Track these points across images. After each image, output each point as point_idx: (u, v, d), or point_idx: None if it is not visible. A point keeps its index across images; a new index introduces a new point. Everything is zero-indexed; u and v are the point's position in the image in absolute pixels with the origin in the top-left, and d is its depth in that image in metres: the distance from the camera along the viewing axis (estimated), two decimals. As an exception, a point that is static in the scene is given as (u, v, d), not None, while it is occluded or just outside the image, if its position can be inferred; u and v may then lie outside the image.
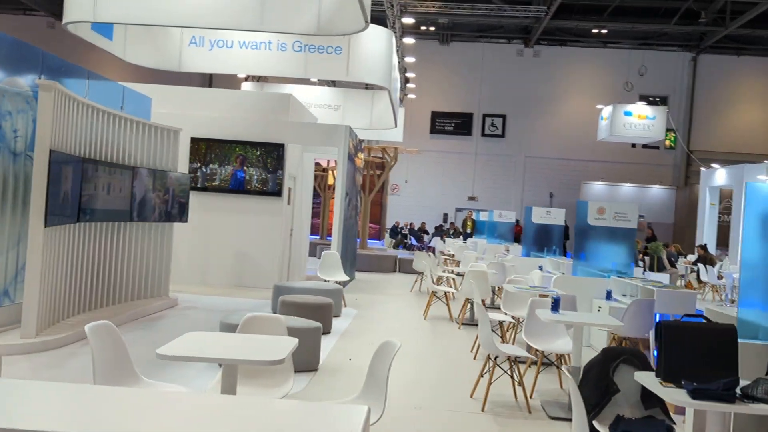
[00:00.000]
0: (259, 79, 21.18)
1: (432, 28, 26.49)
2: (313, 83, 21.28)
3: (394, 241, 23.30)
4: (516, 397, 5.42)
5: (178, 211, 9.07)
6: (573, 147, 26.91)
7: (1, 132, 6.12)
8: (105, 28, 12.81)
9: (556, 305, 5.39)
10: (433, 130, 28.07)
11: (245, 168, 11.07)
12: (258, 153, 11.11)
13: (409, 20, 18.86)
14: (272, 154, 11.08)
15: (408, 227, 24.05)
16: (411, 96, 25.88)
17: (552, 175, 27.18)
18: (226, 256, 11.14)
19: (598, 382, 3.74)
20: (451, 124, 27.98)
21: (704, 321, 3.44)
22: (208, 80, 27.51)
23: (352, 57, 13.89)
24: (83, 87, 7.55)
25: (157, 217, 8.54)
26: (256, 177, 11.07)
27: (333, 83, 21.67)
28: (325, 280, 9.89)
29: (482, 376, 5.41)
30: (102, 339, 3.40)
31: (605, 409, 3.76)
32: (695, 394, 2.97)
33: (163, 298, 8.82)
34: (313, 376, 5.92)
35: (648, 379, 3.26)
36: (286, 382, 3.93)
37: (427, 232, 23.84)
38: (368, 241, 18.04)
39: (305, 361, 5.99)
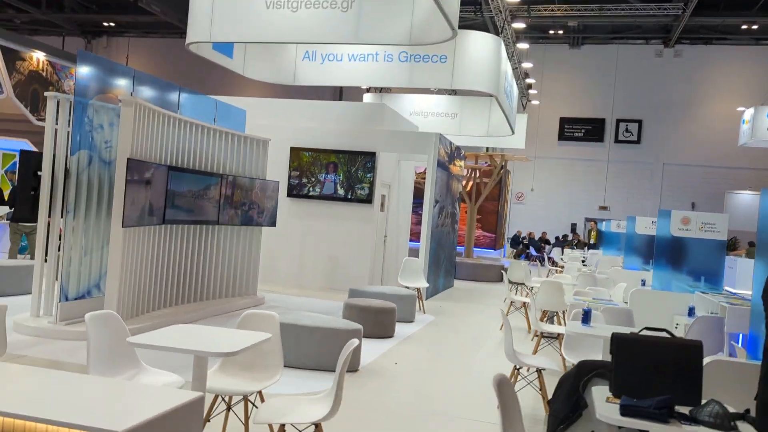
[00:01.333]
0: (381, 90, 21.79)
1: (561, 32, 25.68)
2: (431, 92, 21.50)
3: (515, 250, 22.82)
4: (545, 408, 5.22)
5: (266, 216, 9.67)
6: (717, 153, 24.72)
7: (94, 143, 6.98)
8: (225, 48, 13.97)
9: (586, 317, 5.15)
10: (562, 136, 27.10)
11: (338, 176, 11.52)
12: (351, 161, 11.51)
13: (519, 25, 18.45)
14: (365, 163, 11.43)
15: (528, 237, 23.42)
16: (535, 102, 25.22)
17: (693, 184, 25.13)
18: (320, 260, 11.65)
19: (569, 395, 3.56)
20: (581, 130, 26.84)
21: (667, 335, 3.18)
22: (339, 93, 28.71)
23: (457, 65, 13.94)
24: (175, 101, 8.36)
25: (245, 221, 9.18)
26: (348, 185, 11.48)
27: (454, 92, 21.74)
28: (406, 287, 10.02)
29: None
30: (100, 328, 3.83)
31: (577, 424, 3.58)
32: (624, 411, 2.78)
33: (250, 296, 9.44)
34: (350, 376, 6.09)
35: (598, 394, 3.07)
36: (274, 376, 4.15)
37: (548, 242, 23.06)
38: (478, 249, 17.86)
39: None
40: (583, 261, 16.54)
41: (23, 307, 7.18)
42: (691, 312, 6.92)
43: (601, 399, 3.00)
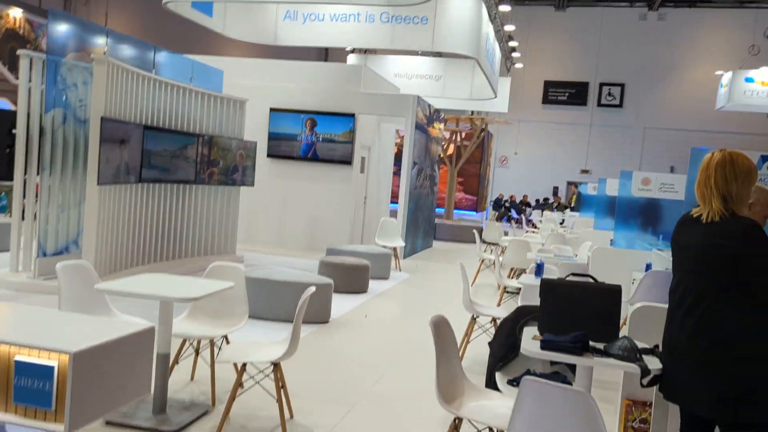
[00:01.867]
0: (366, 51, 21.72)
1: (545, -6, 25.58)
2: (416, 54, 21.47)
3: (496, 213, 23.14)
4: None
5: (243, 176, 9.83)
6: (697, 117, 24.97)
7: (68, 101, 7.09)
8: (205, 6, 13.90)
9: (539, 270, 5.43)
10: (546, 100, 27.22)
11: (317, 137, 11.66)
12: (329, 122, 11.64)
13: None
14: (344, 124, 11.56)
15: (510, 200, 23.74)
16: (518, 65, 25.26)
17: (673, 147, 25.44)
18: (300, 221, 11.86)
19: (507, 337, 3.85)
20: (565, 93, 26.97)
21: (591, 281, 3.44)
22: (324, 55, 28.54)
23: (438, 27, 13.99)
24: (151, 60, 8.43)
25: (222, 181, 9.35)
26: (327, 146, 11.63)
27: (439, 54, 21.69)
28: (383, 246, 10.29)
29: (466, 336, 5.58)
30: (71, 276, 4.04)
31: (513, 363, 3.87)
32: (544, 345, 3.05)
33: (229, 255, 9.66)
34: (319, 327, 6.38)
35: (528, 333, 3.35)
36: (240, 323, 4.40)
37: (529, 205, 23.39)
38: (460, 212, 18.15)
39: (316, 314, 6.47)
40: (561, 223, 16.88)
41: (2, 263, 7.38)
42: (647, 268, 7.22)
43: (529, 337, 3.27)
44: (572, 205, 21.74)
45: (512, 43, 21.00)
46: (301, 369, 5.03)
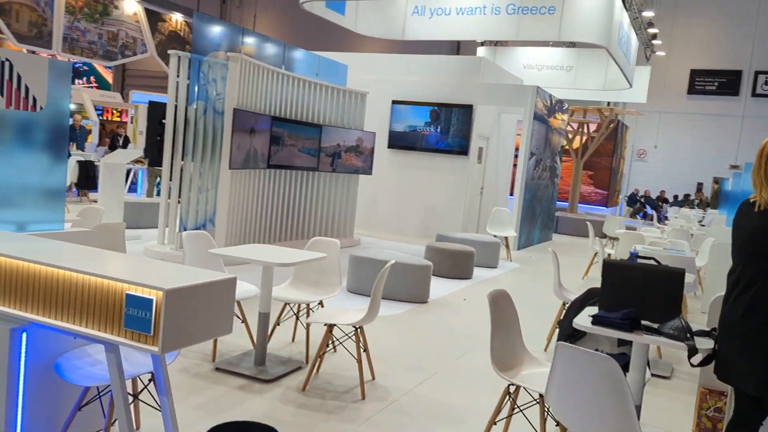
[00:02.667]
0: (496, 43, 21.68)
1: (694, -23, 23.95)
2: (546, 45, 21.09)
3: (631, 209, 22.20)
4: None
5: (363, 165, 10.42)
6: None
7: (207, 95, 8.01)
8: (338, 5, 14.74)
9: (631, 260, 5.43)
10: (692, 89, 25.51)
11: (436, 128, 12.01)
12: (448, 114, 11.94)
13: None
14: (462, 115, 11.81)
15: (645, 196, 22.62)
16: (660, 53, 23.88)
17: (841, 142, 22.84)
18: (418, 209, 12.29)
19: (574, 317, 4.00)
20: (714, 83, 25.12)
21: (654, 263, 3.52)
22: (456, 48, 28.73)
23: (565, 16, 13.80)
24: (281, 57, 9.22)
25: (342, 169, 9.99)
26: (445, 137, 11.94)
27: (572, 44, 21.15)
28: (494, 235, 10.45)
29: (556, 320, 5.72)
30: (194, 243, 4.74)
31: (580, 342, 4.01)
32: (595, 321, 3.21)
33: (347, 238, 10.32)
34: (417, 306, 6.76)
35: (587, 311, 3.51)
36: (334, 291, 4.90)
37: (666, 201, 22.13)
38: (588, 206, 17.68)
39: (414, 294, 6.87)
40: (700, 221, 15.95)
41: (152, 237, 8.49)
42: None
43: (586, 314, 3.44)
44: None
45: (652, 30, 19.98)
46: (390, 338, 5.46)
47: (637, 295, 3.43)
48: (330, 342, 4.23)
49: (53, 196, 3.83)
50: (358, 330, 4.26)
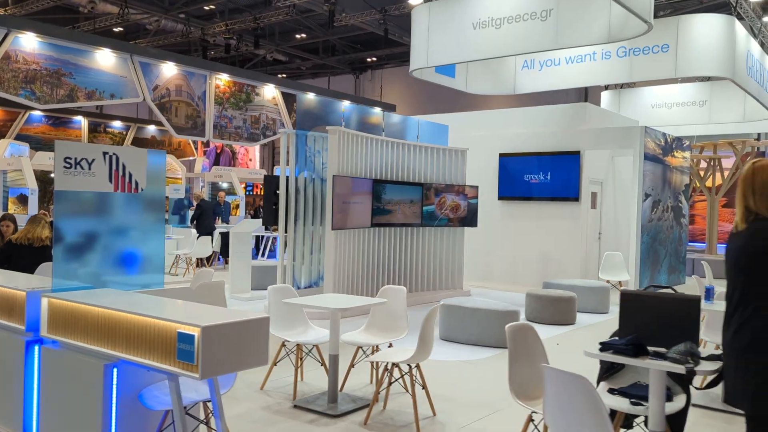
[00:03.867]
0: (622, 86, 21.27)
1: None
2: (675, 81, 20.29)
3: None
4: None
5: (467, 218, 10.78)
6: None
7: (314, 165, 8.92)
8: (447, 69, 15.53)
9: (708, 295, 5.33)
10: None
11: (545, 176, 12.11)
12: (556, 162, 12.01)
13: None
14: (569, 162, 11.82)
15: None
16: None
17: None
18: (532, 258, 12.32)
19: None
20: None
21: (670, 291, 3.58)
22: (584, 95, 28.33)
23: (680, 52, 13.52)
24: (382, 124, 10.02)
25: (446, 223, 10.43)
26: (554, 184, 11.98)
27: (707, 78, 20.23)
28: (607, 281, 10.24)
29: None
30: (277, 295, 5.42)
31: (621, 374, 4.07)
32: (602, 347, 3.37)
33: (456, 290, 10.63)
34: (503, 351, 6.91)
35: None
36: (401, 334, 5.31)
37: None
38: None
39: (501, 340, 7.03)
40: None
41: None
42: None
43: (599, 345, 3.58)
44: None
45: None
46: (464, 380, 5.71)
47: (651, 323, 3.54)
48: (389, 379, 4.64)
49: (153, 259, 4.69)
50: (411, 368, 4.62)
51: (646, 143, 11.53)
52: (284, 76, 33.57)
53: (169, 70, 18.03)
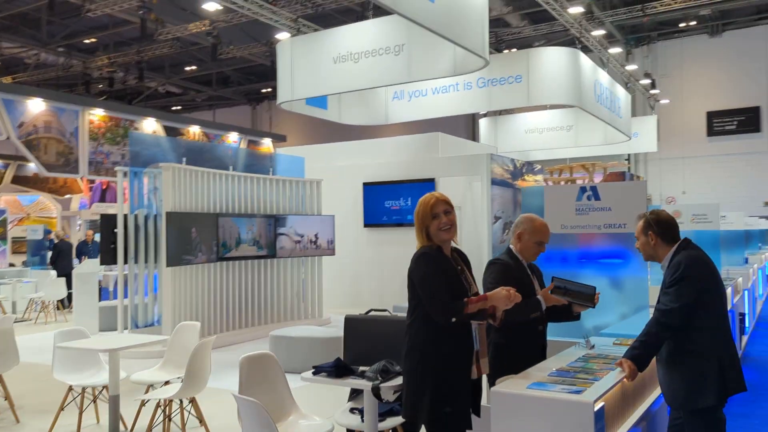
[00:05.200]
0: (500, 113, 22.30)
1: (693, 23, 24.06)
2: (545, 108, 21.50)
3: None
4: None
5: (324, 246, 10.97)
6: None
7: (151, 202, 8.88)
8: (318, 101, 15.79)
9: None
10: (711, 132, 25.02)
11: (406, 202, 12.51)
12: (413, 189, 12.45)
13: (598, 32, 17.94)
14: (424, 189, 12.27)
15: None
16: (664, 101, 23.78)
17: None
18: (398, 280, 12.61)
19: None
20: (734, 122, 24.56)
21: (387, 314, 3.85)
22: (471, 123, 29.50)
23: (532, 83, 14.36)
24: (229, 159, 10.09)
25: (301, 253, 10.57)
26: (413, 210, 12.38)
27: (571, 105, 21.44)
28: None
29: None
30: (61, 341, 5.35)
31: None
32: (315, 370, 3.59)
33: (316, 319, 10.75)
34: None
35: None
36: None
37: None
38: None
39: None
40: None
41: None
42: None
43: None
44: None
45: (645, 81, 20.11)
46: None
47: (371, 343, 3.78)
48: (166, 415, 4.67)
49: None
50: (183, 402, 4.67)
51: (494, 169, 12.14)
52: (179, 108, 33.13)
53: (36, 107, 17.43)
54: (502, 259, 3.69)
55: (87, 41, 23.48)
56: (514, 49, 19.69)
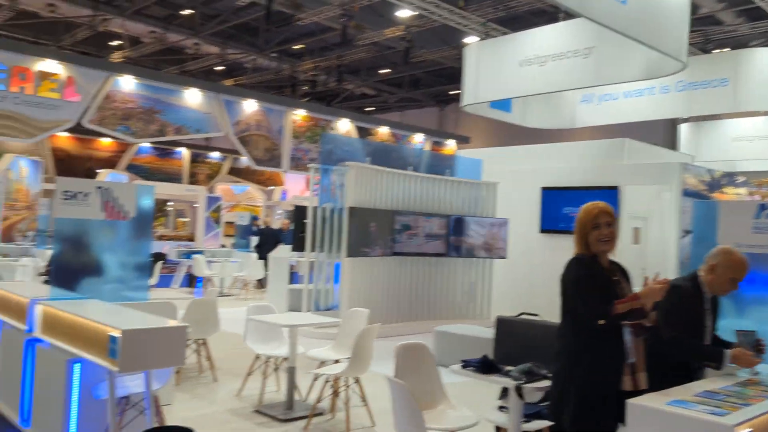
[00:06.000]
0: (705, 118, 20.59)
1: None
2: (758, 114, 19.35)
3: None
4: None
5: (497, 249, 11.06)
6: None
7: (337, 197, 9.65)
8: (502, 104, 15.92)
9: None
10: None
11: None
12: (595, 196, 12.01)
13: None
14: (608, 197, 11.80)
15: None
16: None
17: None
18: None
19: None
20: None
21: (537, 318, 3.93)
22: (671, 129, 27.35)
23: (740, 86, 13.23)
24: (416, 160, 10.61)
25: (473, 254, 10.76)
26: (593, 218, 11.96)
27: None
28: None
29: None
30: (253, 314, 6.12)
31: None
32: (463, 364, 3.80)
33: (483, 320, 10.89)
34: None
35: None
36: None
37: None
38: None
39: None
40: None
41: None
42: None
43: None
44: None
45: None
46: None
47: (520, 344, 3.91)
48: (335, 390, 5.19)
49: (137, 277, 5.54)
50: (348, 380, 5.14)
51: (687, 179, 11.32)
52: (372, 109, 34.94)
53: (249, 107, 19.57)
54: (683, 285, 3.55)
55: (295, 47, 25.71)
56: (727, 49, 17.98)
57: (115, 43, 21.77)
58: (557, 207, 12.67)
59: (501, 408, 4.27)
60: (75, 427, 4.42)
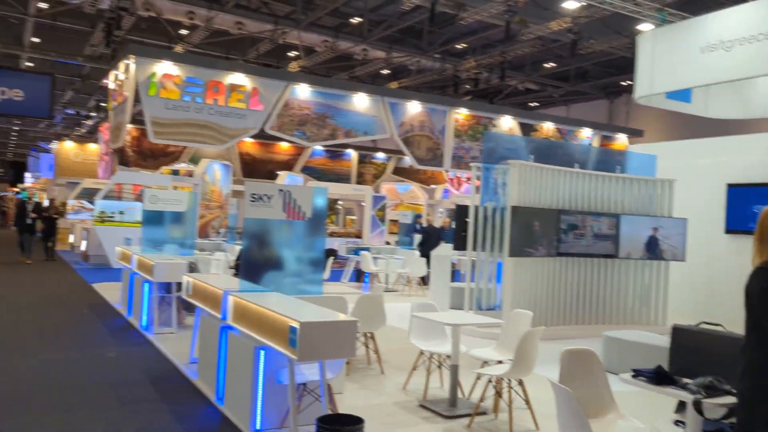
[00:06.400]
0: None
1: None
2: None
3: None
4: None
5: (673, 251, 10.33)
6: None
7: (499, 196, 9.61)
8: (680, 94, 14.87)
9: None
10: None
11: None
12: (791, 194, 10.78)
13: None
14: (807, 194, 10.54)
15: None
16: None
17: None
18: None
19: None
20: None
21: (720, 329, 3.65)
22: None
23: None
24: (583, 157, 10.25)
25: (647, 255, 10.16)
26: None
27: None
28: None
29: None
30: (416, 311, 6.31)
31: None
32: (634, 374, 3.65)
33: (658, 326, 10.23)
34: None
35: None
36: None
37: None
38: None
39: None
40: None
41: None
42: None
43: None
44: None
45: None
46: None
47: (698, 356, 3.69)
48: (497, 391, 5.22)
49: (313, 272, 5.96)
50: (510, 382, 5.14)
51: None
52: (536, 104, 34.10)
53: (413, 108, 20.06)
54: None
55: (458, 46, 25.83)
56: None
57: (292, 53, 23.35)
58: (746, 205, 11.54)
59: (677, 422, 4.05)
60: (261, 408, 4.89)
